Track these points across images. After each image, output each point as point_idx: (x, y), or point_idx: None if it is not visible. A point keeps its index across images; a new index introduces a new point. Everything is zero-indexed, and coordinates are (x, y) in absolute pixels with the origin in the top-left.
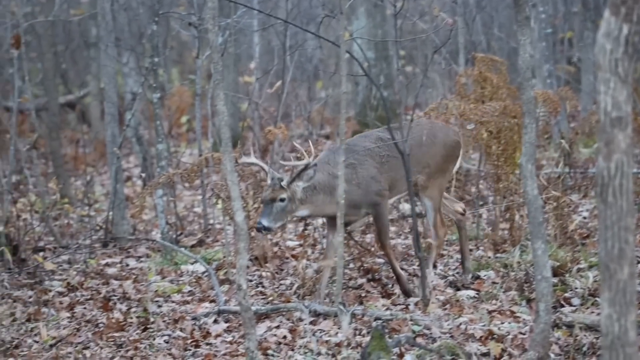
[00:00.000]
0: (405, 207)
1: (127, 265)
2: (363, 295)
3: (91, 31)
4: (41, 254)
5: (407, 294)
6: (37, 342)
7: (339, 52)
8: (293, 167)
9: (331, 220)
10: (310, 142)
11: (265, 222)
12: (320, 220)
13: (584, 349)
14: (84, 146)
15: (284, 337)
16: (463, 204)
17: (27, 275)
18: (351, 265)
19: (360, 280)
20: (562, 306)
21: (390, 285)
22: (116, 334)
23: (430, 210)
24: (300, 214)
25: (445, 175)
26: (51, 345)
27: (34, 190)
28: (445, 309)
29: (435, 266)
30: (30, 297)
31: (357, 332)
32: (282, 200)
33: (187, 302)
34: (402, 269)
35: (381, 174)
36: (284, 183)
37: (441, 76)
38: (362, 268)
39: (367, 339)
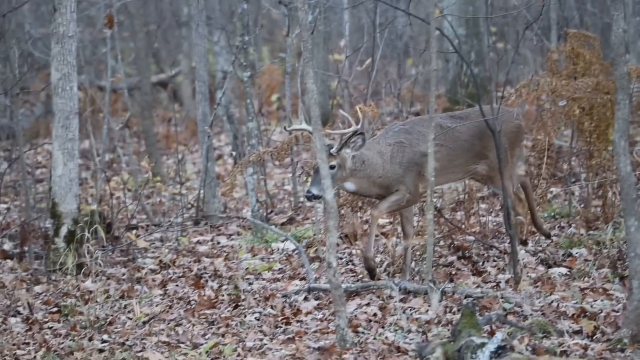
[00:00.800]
0: None
1: (218, 243)
2: (453, 272)
3: (183, 10)
4: (134, 231)
5: (369, 269)
6: (130, 319)
7: (429, 29)
8: (341, 136)
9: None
10: (358, 108)
11: (314, 190)
12: None
13: None
14: (175, 125)
15: (374, 314)
16: (524, 165)
17: (121, 253)
18: (441, 243)
19: (451, 258)
20: None
21: (481, 263)
22: (208, 311)
23: (506, 197)
24: (348, 188)
25: (512, 160)
26: (144, 322)
27: (127, 169)
28: (537, 286)
29: (526, 243)
30: (123, 274)
31: (448, 309)
32: (331, 167)
33: (278, 280)
34: (492, 246)
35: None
36: (333, 150)
37: (533, 52)
38: (452, 245)
39: (458, 316)
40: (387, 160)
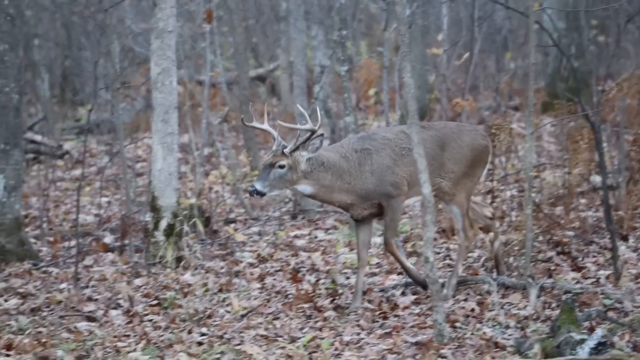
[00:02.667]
0: (597, 179)
1: (316, 237)
2: (552, 268)
3: (281, 5)
4: (232, 225)
5: (422, 285)
6: (228, 312)
7: (529, 23)
8: (297, 136)
9: (347, 210)
10: (317, 109)
11: (258, 186)
12: (508, 192)
13: None
14: (273, 119)
15: (472, 309)
16: (491, 208)
17: (219, 247)
18: (540, 238)
19: (550, 253)
20: None
21: (580, 259)
22: (305, 305)
23: (459, 216)
24: (303, 190)
25: (473, 180)
26: (242, 316)
27: (225, 163)
28: (638, 282)
29: (627, 239)
30: (222, 267)
31: (546, 305)
32: (281, 167)
33: (375, 274)
34: (591, 242)
35: (398, 166)
36: (286, 150)
37: (634, 46)
38: (551, 241)
39: (556, 312)
40: (355, 167)
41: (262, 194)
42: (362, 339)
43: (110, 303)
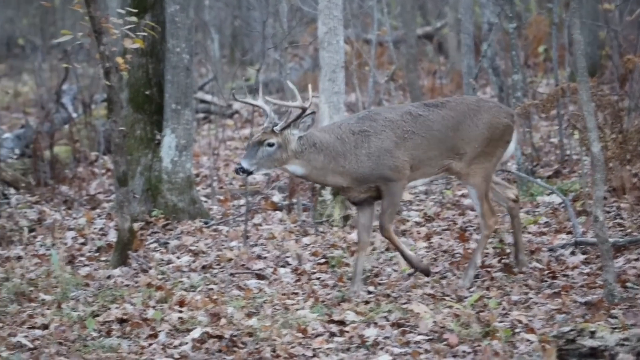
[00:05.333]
0: None
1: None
2: None
3: None
4: None
5: (424, 272)
6: (395, 271)
7: None
8: (288, 114)
9: (344, 193)
10: (309, 87)
11: (244, 164)
12: None
13: None
14: (440, 77)
15: None
16: (515, 189)
17: None
18: None
19: None
20: None
21: None
22: None
23: (476, 199)
24: (294, 171)
25: (492, 160)
26: (409, 275)
27: None
28: None
29: None
30: None
31: None
32: (270, 145)
33: (544, 234)
34: None
35: (399, 150)
36: (276, 128)
37: None
38: None
39: None
40: (351, 150)
41: (248, 173)
42: (530, 298)
43: (279, 261)
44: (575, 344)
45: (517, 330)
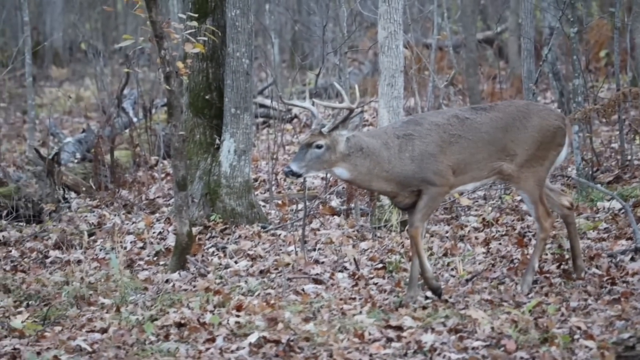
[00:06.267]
0: None
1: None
2: None
3: None
4: None
5: (433, 291)
6: (453, 276)
7: None
8: (336, 114)
9: (390, 198)
10: (356, 86)
11: (294, 167)
12: None
13: None
14: (500, 82)
15: None
16: (570, 197)
17: (444, 211)
18: None
19: None
20: None
21: None
22: None
23: (530, 203)
24: (340, 174)
25: (544, 164)
26: (467, 280)
27: None
28: None
29: None
30: (446, 232)
31: None
32: (318, 147)
33: (603, 240)
34: None
35: (444, 154)
36: (324, 129)
37: None
38: None
39: None
40: (395, 154)
41: (298, 175)
42: (589, 304)
43: (337, 266)
44: (634, 350)
45: (575, 336)
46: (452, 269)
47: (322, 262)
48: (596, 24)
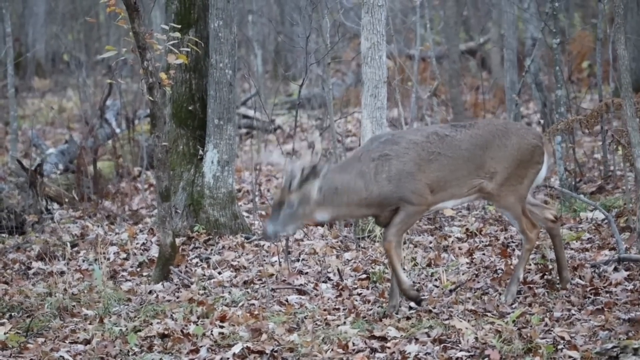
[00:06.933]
0: None
1: None
2: None
3: None
4: None
5: (414, 300)
6: (437, 286)
7: None
8: (301, 170)
9: (375, 220)
10: (315, 137)
11: (269, 229)
12: None
13: None
14: (483, 93)
15: None
16: (554, 209)
17: (428, 221)
18: None
19: None
20: None
21: None
22: None
23: (513, 219)
24: (321, 219)
25: (523, 182)
26: (450, 290)
27: None
28: None
29: None
30: (430, 242)
31: None
32: (290, 205)
33: (586, 250)
34: None
35: (422, 172)
36: (293, 187)
37: None
38: None
39: None
40: (371, 179)
41: (276, 236)
42: (573, 315)
43: (320, 276)
44: None
45: (559, 346)
46: (435, 280)
47: (306, 273)
48: (578, 35)
